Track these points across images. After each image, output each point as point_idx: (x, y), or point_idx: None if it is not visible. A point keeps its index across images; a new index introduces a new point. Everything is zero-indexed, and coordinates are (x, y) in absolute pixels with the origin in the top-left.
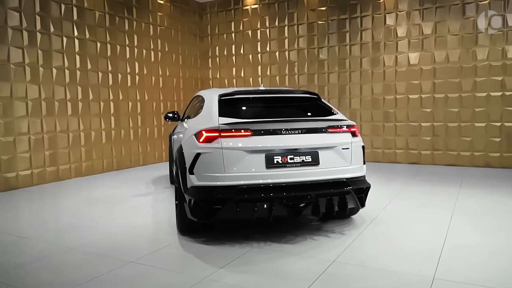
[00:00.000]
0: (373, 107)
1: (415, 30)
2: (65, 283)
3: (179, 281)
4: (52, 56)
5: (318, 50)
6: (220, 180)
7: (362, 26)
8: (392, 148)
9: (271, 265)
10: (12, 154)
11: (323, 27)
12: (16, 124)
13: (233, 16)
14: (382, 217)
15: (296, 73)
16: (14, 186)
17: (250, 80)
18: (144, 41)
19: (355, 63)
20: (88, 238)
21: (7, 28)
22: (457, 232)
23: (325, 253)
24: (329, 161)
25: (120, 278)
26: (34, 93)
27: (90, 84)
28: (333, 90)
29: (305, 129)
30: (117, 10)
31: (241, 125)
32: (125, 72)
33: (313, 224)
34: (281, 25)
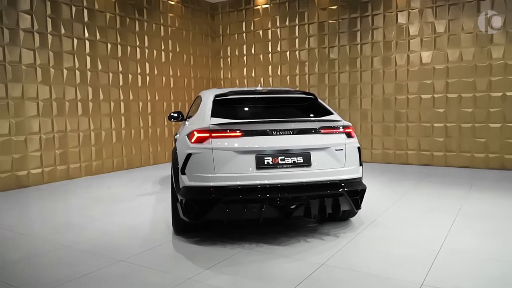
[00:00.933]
0: (384, 107)
1: (427, 28)
2: (55, 280)
3: (163, 281)
4: (63, 57)
5: (329, 50)
6: (210, 180)
7: (373, 24)
8: (403, 149)
9: (259, 267)
10: (23, 152)
11: (333, 26)
12: (27, 123)
13: (244, 16)
14: (382, 220)
15: (306, 72)
16: (25, 184)
17: (261, 80)
18: (155, 42)
19: (366, 62)
20: (84, 236)
21: (19, 30)
22: (456, 236)
23: (316, 256)
24: (321, 163)
25: (108, 276)
26: (45, 93)
27: (101, 84)
28: (343, 90)
29: (296, 129)
30: (128, 11)
31: (231, 126)
32: (135, 73)
33: (309, 226)
34: (291, 24)
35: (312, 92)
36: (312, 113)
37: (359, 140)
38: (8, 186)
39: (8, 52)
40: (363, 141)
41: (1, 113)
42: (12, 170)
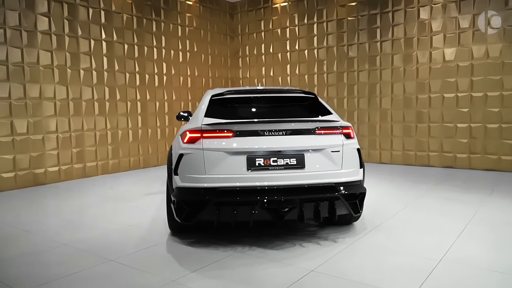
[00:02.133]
0: (405, 106)
1: (451, 24)
2: (44, 278)
3: (147, 282)
4: (79, 58)
5: (348, 48)
6: (201, 181)
7: (393, 21)
8: (425, 150)
9: (246, 271)
10: (41, 151)
11: (352, 24)
12: (44, 123)
13: (263, 14)
14: (388, 225)
15: (325, 71)
16: (42, 182)
17: (279, 79)
18: (172, 42)
19: (386, 60)
20: (83, 235)
21: (36, 32)
22: (463, 245)
23: (308, 262)
24: (316, 164)
25: (95, 276)
26: (62, 93)
27: (117, 84)
28: (362, 89)
29: (290, 130)
30: (145, 12)
31: (222, 126)
32: (152, 73)
33: (308, 230)
34: (310, 22)
35: (330, 90)
36: (311, 113)
37: (377, 140)
38: (25, 184)
39: (26, 54)
40: (382, 141)
41: (20, 112)
42: (30, 168)
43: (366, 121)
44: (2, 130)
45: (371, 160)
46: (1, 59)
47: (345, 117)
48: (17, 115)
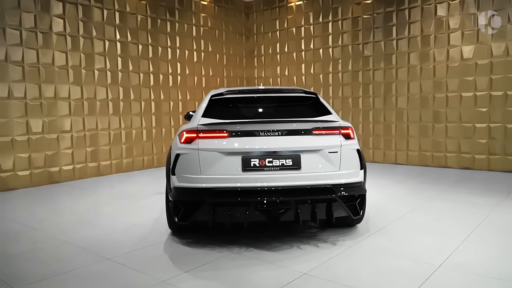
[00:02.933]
0: (421, 106)
1: (469, 21)
2: (41, 274)
3: (138, 281)
4: (94, 59)
5: (363, 46)
6: (196, 181)
7: (410, 18)
8: (442, 151)
9: (238, 273)
10: (55, 150)
11: (368, 21)
12: (59, 122)
13: (278, 13)
14: (392, 227)
15: (340, 70)
16: (57, 180)
17: (294, 78)
18: (186, 42)
19: (402, 58)
20: (85, 233)
21: (52, 34)
22: (467, 250)
23: (302, 264)
24: (312, 166)
25: (90, 274)
26: (77, 93)
27: (132, 84)
28: (378, 88)
29: (285, 130)
30: (159, 13)
31: (218, 126)
32: (166, 73)
33: (309, 232)
34: (325, 21)
35: (345, 89)
36: (310, 113)
37: (393, 141)
38: (40, 182)
39: (41, 55)
40: (398, 142)
41: (35, 112)
42: (45, 167)
43: (382, 121)
44: (18, 129)
45: (387, 160)
46: (17, 60)
47: (360, 117)
48: (32, 114)
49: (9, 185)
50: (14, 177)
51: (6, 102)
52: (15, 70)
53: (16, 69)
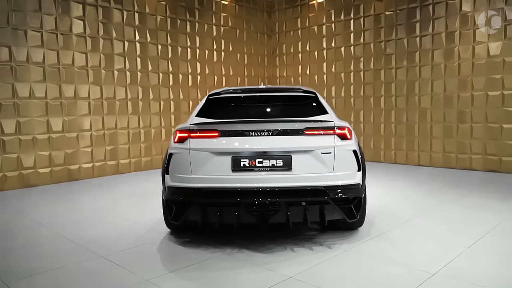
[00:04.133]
0: (445, 105)
1: (496, 16)
2: (33, 269)
3: (122, 280)
4: (113, 59)
5: (385, 44)
6: (187, 181)
7: (434, 14)
8: (467, 153)
9: (224, 275)
10: (75, 148)
11: (390, 18)
12: (79, 121)
13: (300, 12)
14: (395, 232)
15: (361, 69)
16: (76, 178)
17: (315, 78)
18: (206, 42)
19: (426, 56)
20: (87, 230)
21: (72, 35)
22: (469, 257)
23: (290, 267)
24: (304, 167)
25: (79, 271)
26: (96, 93)
27: (151, 84)
28: (400, 87)
29: (276, 130)
30: (179, 13)
31: (208, 126)
32: (186, 73)
33: (308, 234)
34: (346, 18)
35: (367, 89)
36: (306, 112)
37: (416, 141)
38: (60, 179)
39: (62, 56)
40: (421, 142)
41: (55, 111)
42: (65, 164)
43: (404, 121)
44: (39, 128)
45: (409, 162)
46: (38, 61)
47: (382, 117)
48: (53, 114)
49: (31, 182)
50: (35, 174)
51: (27, 101)
52: (36, 71)
53: (37, 70)
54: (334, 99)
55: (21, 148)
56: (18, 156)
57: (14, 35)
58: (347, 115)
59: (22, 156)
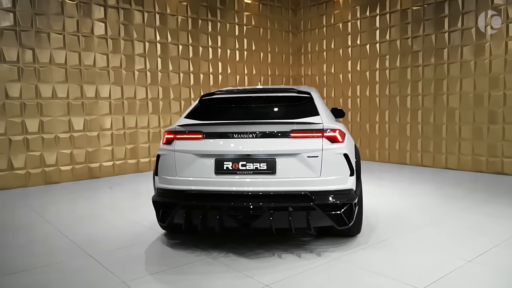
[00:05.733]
0: (475, 105)
1: None
2: (22, 266)
3: (100, 281)
4: (134, 60)
5: (412, 40)
6: (172, 183)
7: (463, 8)
8: (498, 156)
9: (200, 280)
10: (96, 147)
11: (417, 13)
12: (100, 120)
13: (325, 9)
14: (396, 240)
15: (387, 67)
16: (97, 175)
17: (340, 76)
18: (228, 41)
19: (455, 53)
20: (87, 228)
21: (93, 37)
22: (466, 271)
23: (270, 275)
24: (288, 170)
25: (63, 269)
26: (117, 93)
27: (171, 84)
28: (427, 85)
29: (261, 132)
30: (201, 13)
31: (193, 127)
32: (207, 72)
33: (302, 239)
34: (372, 14)
35: (392, 87)
36: (297, 114)
37: (443, 143)
38: (81, 177)
39: (83, 57)
40: (449, 144)
41: (77, 111)
42: (86, 162)
43: (431, 121)
44: (61, 127)
45: (436, 165)
46: (60, 63)
47: (408, 117)
48: (74, 113)
49: (53, 179)
50: (57, 171)
51: (50, 102)
52: (59, 72)
53: (59, 71)
54: (359, 98)
55: (44, 146)
56: (41, 154)
57: (37, 37)
58: (372, 114)
59: (45, 154)
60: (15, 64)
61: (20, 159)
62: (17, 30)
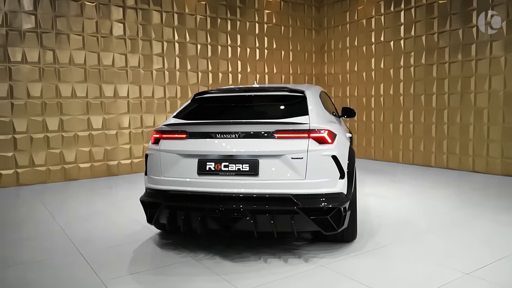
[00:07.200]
0: (505, 104)
1: None
2: (14, 260)
3: (81, 279)
4: (152, 59)
5: (438, 36)
6: (158, 183)
7: (493, 0)
8: None
9: (177, 282)
10: (114, 145)
11: (444, 7)
12: (118, 119)
13: (349, 5)
14: (393, 248)
15: (412, 64)
16: (115, 173)
17: (363, 74)
18: (248, 40)
19: (483, 48)
20: (88, 225)
21: (112, 37)
22: (460, 286)
23: (249, 280)
24: (272, 172)
25: (51, 266)
26: (135, 93)
27: (189, 83)
28: (454, 83)
29: (244, 133)
30: (220, 12)
31: (178, 127)
32: (226, 71)
33: (294, 244)
34: (396, 9)
35: (417, 86)
36: (285, 113)
37: (470, 145)
38: (100, 174)
39: (102, 57)
40: (476, 146)
41: (96, 110)
42: (104, 160)
43: (458, 121)
44: (80, 126)
45: (462, 167)
46: (79, 63)
47: (434, 117)
48: (93, 112)
49: (72, 176)
50: (76, 168)
51: (70, 101)
52: (78, 72)
53: (78, 71)
54: (382, 97)
55: (63, 144)
56: (60, 152)
57: (58, 39)
58: (395, 114)
59: (65, 152)
60: (36, 65)
61: (41, 156)
62: (38, 32)
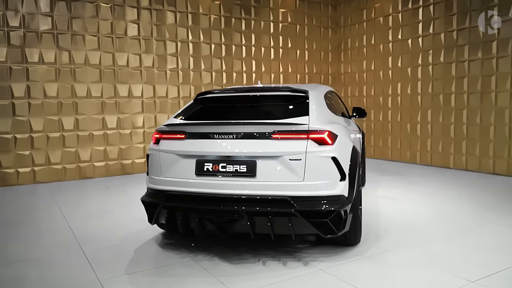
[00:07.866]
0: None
1: None
2: (10, 257)
3: (78, 278)
4: (166, 59)
5: (457, 33)
6: (157, 183)
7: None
8: None
9: (171, 283)
10: (128, 144)
11: (463, 3)
12: (132, 119)
13: (366, 3)
14: (397, 254)
15: (430, 63)
16: (129, 172)
17: (380, 73)
18: (263, 39)
19: (505, 46)
20: (93, 224)
21: (126, 38)
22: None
23: (244, 283)
24: (269, 174)
25: (51, 263)
26: (149, 92)
27: (203, 83)
28: (473, 82)
29: (241, 133)
30: (234, 11)
31: (177, 127)
32: (240, 71)
33: (296, 246)
34: (414, 6)
35: (436, 85)
36: (286, 114)
37: (491, 146)
38: (114, 173)
39: (117, 58)
40: (497, 147)
41: (111, 110)
42: (118, 159)
43: (478, 122)
44: (95, 125)
45: (482, 169)
46: (95, 63)
47: (452, 117)
48: (108, 112)
49: (87, 174)
50: (91, 167)
51: (85, 100)
52: (93, 72)
53: (94, 71)
54: (399, 97)
55: (79, 143)
56: (76, 150)
57: (73, 40)
58: (413, 114)
59: (80, 150)
60: (52, 65)
61: (57, 154)
62: (55, 33)
